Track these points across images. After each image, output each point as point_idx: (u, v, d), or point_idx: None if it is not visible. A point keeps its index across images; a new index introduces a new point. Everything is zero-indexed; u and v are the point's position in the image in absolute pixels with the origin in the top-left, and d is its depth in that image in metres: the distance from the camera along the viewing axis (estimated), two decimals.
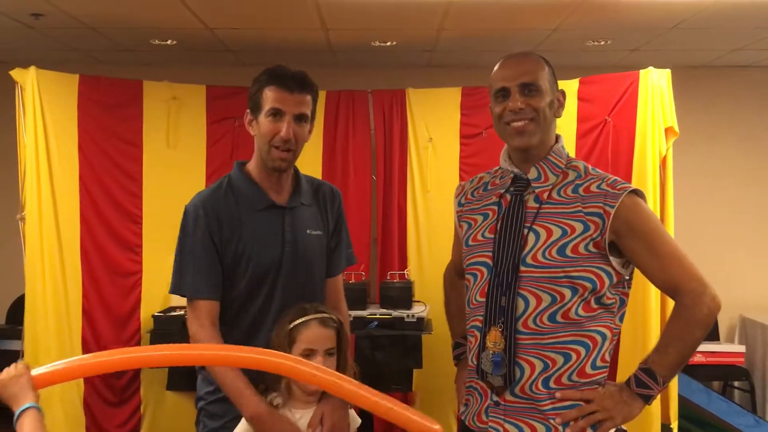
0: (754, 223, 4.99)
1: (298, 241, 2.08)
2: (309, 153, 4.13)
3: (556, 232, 1.77)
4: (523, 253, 1.78)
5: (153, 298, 3.95)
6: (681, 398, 3.80)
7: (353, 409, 2.05)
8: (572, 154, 3.70)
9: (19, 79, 3.65)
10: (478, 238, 1.90)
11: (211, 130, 4.09)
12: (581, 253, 1.74)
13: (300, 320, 1.93)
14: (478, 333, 1.85)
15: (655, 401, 1.83)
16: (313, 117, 2.11)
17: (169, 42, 4.25)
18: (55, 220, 3.76)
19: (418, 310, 3.81)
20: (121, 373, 3.97)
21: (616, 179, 1.82)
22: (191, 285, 2.02)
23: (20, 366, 1.53)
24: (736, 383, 4.73)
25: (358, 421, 2.07)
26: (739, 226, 4.98)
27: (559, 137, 1.91)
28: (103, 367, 1.55)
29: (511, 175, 1.89)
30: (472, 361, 1.87)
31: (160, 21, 3.86)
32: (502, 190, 1.89)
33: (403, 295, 3.85)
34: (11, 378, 1.51)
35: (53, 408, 3.65)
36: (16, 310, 4.39)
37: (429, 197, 4.15)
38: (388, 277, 4.01)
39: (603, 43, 4.28)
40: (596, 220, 1.75)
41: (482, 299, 1.84)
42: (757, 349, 4.63)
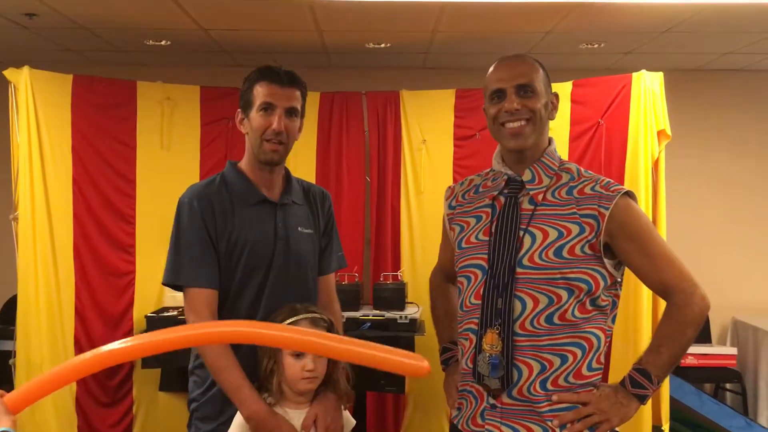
0: (746, 225, 5.01)
1: (290, 237, 2.10)
2: (303, 154, 4.14)
3: (552, 234, 1.78)
4: (519, 255, 1.78)
5: (146, 299, 3.94)
6: (672, 400, 3.81)
7: (347, 411, 2.05)
8: (565, 156, 3.72)
9: (13, 79, 3.64)
10: (472, 240, 1.89)
11: (205, 131, 4.09)
12: (577, 255, 1.75)
13: (291, 319, 1.93)
14: (473, 336, 1.84)
15: (647, 403, 1.84)
16: (303, 114, 2.14)
17: (163, 42, 4.24)
18: (48, 221, 3.75)
19: (411, 311, 3.82)
20: (113, 374, 3.97)
21: (609, 181, 1.83)
22: (188, 274, 2.02)
23: None
24: (728, 385, 4.75)
25: (353, 422, 2.07)
26: (731, 228, 5.00)
27: (551, 140, 1.92)
28: (78, 372, 1.48)
29: (505, 177, 1.89)
30: (467, 365, 1.86)
31: (154, 21, 3.85)
32: (496, 192, 1.89)
33: (396, 297, 3.85)
34: None
35: (45, 408, 3.64)
36: (9, 311, 4.37)
37: (422, 199, 4.16)
38: (382, 279, 4.01)
39: (596, 46, 4.30)
40: (591, 222, 1.76)
41: (477, 301, 1.83)
42: (748, 352, 4.65)
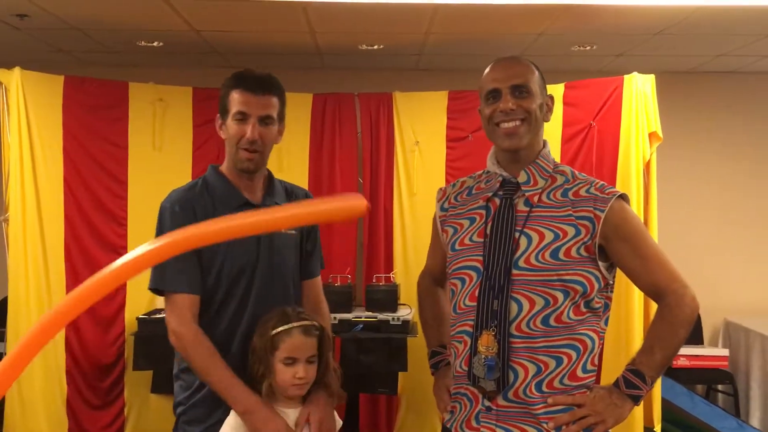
0: (737, 227, 5.03)
1: (274, 240, 2.09)
2: (296, 155, 4.14)
3: (549, 236, 1.77)
4: (516, 257, 1.78)
5: (137, 301, 3.93)
6: (665, 401, 3.82)
7: (335, 411, 2.06)
8: (557, 158, 3.72)
9: (4, 80, 3.63)
10: (466, 242, 1.88)
11: (198, 132, 4.09)
12: (573, 257, 1.76)
13: (283, 328, 1.93)
14: (468, 338, 1.83)
15: (640, 404, 1.85)
16: (282, 118, 2.12)
17: (155, 44, 4.23)
18: (39, 222, 3.74)
19: (403, 312, 3.81)
20: (104, 376, 3.96)
21: (603, 183, 1.84)
22: (171, 280, 2.00)
23: None
24: (720, 387, 4.76)
25: (339, 422, 2.07)
26: (723, 230, 5.02)
27: (545, 143, 1.92)
28: (59, 322, 1.38)
29: (500, 179, 1.88)
30: (461, 367, 1.85)
31: (146, 22, 3.84)
32: (490, 194, 1.88)
33: (389, 298, 3.85)
34: None
35: (35, 411, 3.62)
36: None
37: (415, 200, 4.16)
38: (374, 280, 4.01)
39: (588, 48, 4.31)
40: (587, 224, 1.76)
41: (472, 303, 1.82)
42: (740, 353, 4.66)
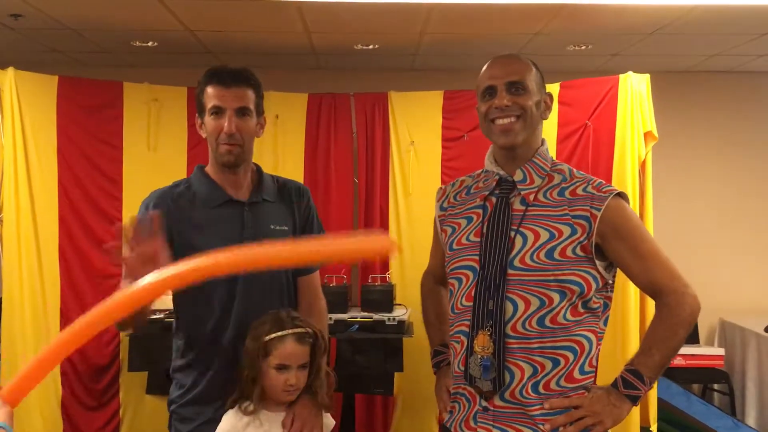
0: (733, 226, 5.04)
1: (260, 237, 2.06)
2: (291, 155, 4.14)
3: (544, 235, 1.76)
4: (511, 256, 1.77)
5: None
6: (660, 401, 3.82)
7: (328, 412, 2.05)
8: (553, 157, 3.73)
9: None
10: (463, 241, 1.88)
11: (192, 132, 4.06)
12: (569, 257, 1.74)
13: (277, 334, 1.93)
14: (464, 338, 1.83)
15: (638, 404, 1.84)
16: (260, 112, 2.11)
17: (149, 44, 4.22)
18: (34, 222, 3.73)
19: (399, 313, 3.81)
20: (99, 377, 3.95)
21: (601, 182, 1.82)
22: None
23: None
24: (716, 386, 4.76)
25: (332, 423, 2.07)
26: (719, 229, 5.03)
27: (544, 141, 1.91)
28: (68, 345, 1.45)
29: (496, 178, 1.87)
30: (459, 367, 1.85)
31: (141, 23, 3.83)
32: (487, 193, 1.88)
33: (385, 298, 3.85)
34: None
35: (30, 412, 3.61)
36: None
37: (411, 200, 4.16)
38: (370, 280, 4.01)
39: (584, 47, 4.31)
40: (583, 223, 1.75)
41: (468, 303, 1.82)
42: (736, 353, 4.67)
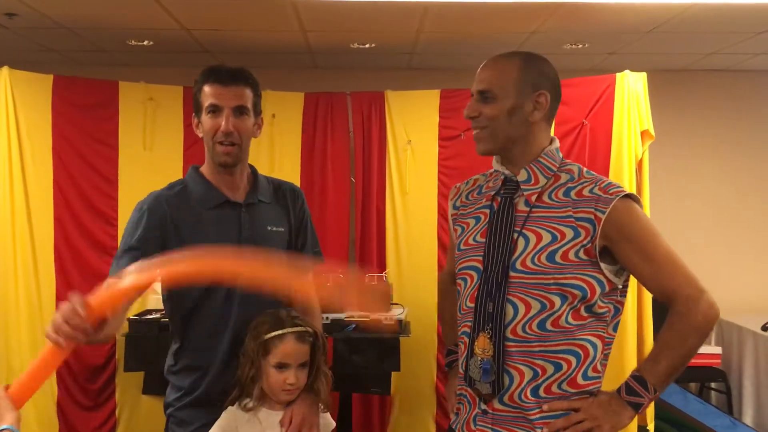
0: (729, 225, 5.04)
1: (258, 238, 2.05)
2: (288, 155, 4.13)
3: (546, 238, 1.72)
4: (513, 258, 1.74)
5: None
6: (658, 400, 3.81)
7: (327, 414, 2.05)
8: None
9: None
10: (470, 242, 1.86)
11: (188, 132, 4.05)
12: (571, 260, 1.70)
13: (276, 332, 1.92)
14: (467, 339, 1.81)
15: (642, 412, 1.79)
16: (258, 112, 2.09)
17: (145, 43, 4.21)
18: (28, 222, 3.72)
19: (396, 312, 3.80)
20: (95, 377, 3.94)
21: (610, 183, 1.75)
22: (114, 269, 1.96)
23: (0, 390, 1.44)
24: (713, 385, 4.77)
25: (332, 424, 2.07)
26: (715, 228, 5.03)
27: (553, 139, 1.86)
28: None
29: (502, 177, 1.85)
30: (462, 368, 1.84)
31: (137, 21, 3.82)
32: (493, 193, 1.86)
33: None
34: None
35: (26, 412, 3.58)
36: None
37: (408, 199, 4.15)
38: (367, 280, 4.00)
39: (580, 46, 4.30)
40: (587, 226, 1.70)
41: (471, 305, 1.80)
42: (733, 351, 4.67)
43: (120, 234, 3.86)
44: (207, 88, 2.01)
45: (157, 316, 3.69)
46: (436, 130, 4.14)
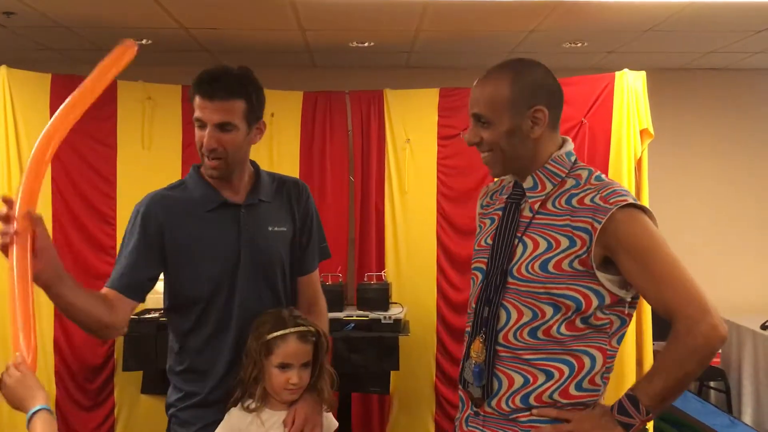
0: (729, 224, 5.04)
1: (258, 240, 2.03)
2: (286, 154, 4.13)
3: (542, 245, 1.69)
4: (510, 264, 1.72)
5: None
6: None
7: (330, 414, 2.05)
8: None
9: None
10: (482, 243, 1.85)
11: (187, 131, 4.05)
12: (564, 270, 1.65)
13: (278, 333, 1.92)
14: (467, 340, 1.81)
15: None
16: (252, 120, 2.00)
17: (144, 41, 4.20)
18: None
19: (395, 311, 3.80)
20: (94, 377, 3.93)
21: (614, 191, 1.66)
22: (112, 276, 2.00)
23: (22, 366, 1.48)
24: (712, 383, 4.77)
25: (335, 424, 2.06)
26: (715, 227, 5.04)
27: (565, 142, 1.82)
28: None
29: (512, 181, 1.83)
30: (461, 368, 1.83)
31: (135, 20, 3.82)
32: (506, 196, 1.84)
33: (380, 297, 3.84)
34: (17, 381, 1.46)
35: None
36: None
37: (407, 198, 4.15)
38: (366, 279, 3.99)
39: (579, 45, 4.30)
40: (583, 235, 1.64)
41: (474, 306, 1.80)
42: (732, 350, 4.67)
43: (118, 233, 3.92)
44: (196, 99, 1.95)
45: (156, 315, 3.68)
46: (435, 129, 4.13)
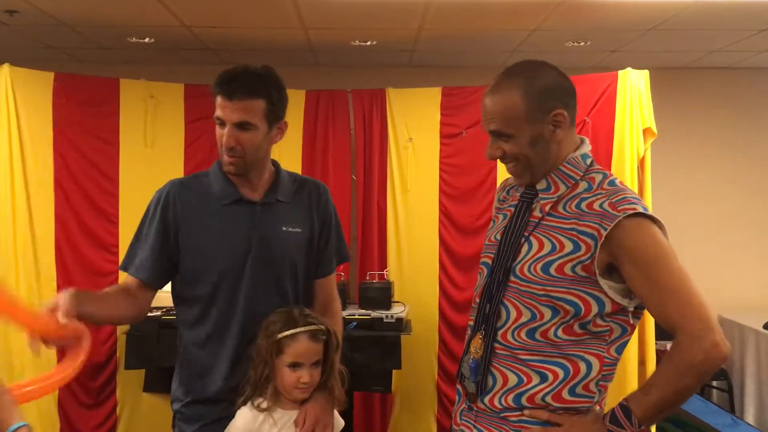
0: (732, 223, 5.03)
1: (270, 238, 2.04)
2: (288, 152, 4.11)
3: (547, 247, 1.68)
4: (514, 263, 1.72)
5: None
6: None
7: (336, 412, 2.05)
8: None
9: None
10: (492, 238, 1.85)
11: (189, 129, 4.06)
12: (566, 274, 1.64)
13: (289, 332, 1.92)
14: (468, 334, 1.82)
15: None
16: (273, 120, 2.02)
17: (146, 40, 4.20)
18: (29, 220, 3.72)
19: (397, 310, 3.80)
20: (96, 375, 3.93)
21: (624, 198, 1.64)
22: (126, 260, 2.08)
23: None
24: (714, 383, 4.77)
25: (342, 423, 2.07)
26: (717, 226, 5.03)
27: (583, 143, 1.78)
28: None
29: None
30: (460, 362, 1.84)
31: (137, 19, 3.82)
32: (519, 194, 1.83)
33: (383, 296, 3.84)
34: None
35: (27, 410, 3.58)
36: None
37: (409, 197, 4.15)
38: (368, 278, 4.00)
39: (582, 44, 4.29)
40: (588, 241, 1.62)
41: (477, 301, 1.81)
42: (735, 349, 4.66)
43: (120, 231, 3.93)
44: (217, 98, 1.98)
45: (158, 314, 3.68)
46: (437, 128, 4.13)
